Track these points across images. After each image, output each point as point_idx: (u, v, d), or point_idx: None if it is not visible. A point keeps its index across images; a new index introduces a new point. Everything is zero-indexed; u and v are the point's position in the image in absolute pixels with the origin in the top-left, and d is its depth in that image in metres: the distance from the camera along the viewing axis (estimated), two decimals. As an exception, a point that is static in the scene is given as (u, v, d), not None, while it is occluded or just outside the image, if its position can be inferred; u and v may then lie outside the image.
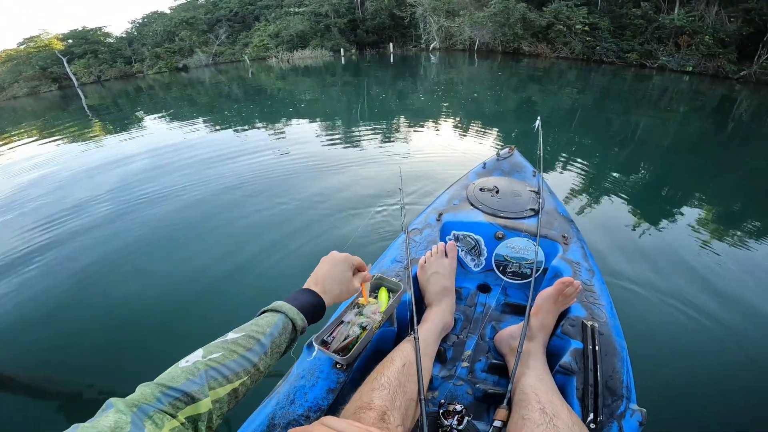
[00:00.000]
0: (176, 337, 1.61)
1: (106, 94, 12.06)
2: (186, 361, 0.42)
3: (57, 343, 1.66)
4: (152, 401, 0.36)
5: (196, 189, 3.07)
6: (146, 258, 2.20)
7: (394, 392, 0.65)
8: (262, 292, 1.82)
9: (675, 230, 2.25)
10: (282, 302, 0.54)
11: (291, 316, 0.52)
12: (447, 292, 0.97)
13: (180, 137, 5.04)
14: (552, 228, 1.16)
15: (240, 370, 0.44)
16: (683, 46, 8.84)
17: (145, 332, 1.67)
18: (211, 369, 0.42)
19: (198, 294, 1.85)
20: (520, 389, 0.73)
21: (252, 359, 0.46)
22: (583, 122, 4.99)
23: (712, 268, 1.85)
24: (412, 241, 1.12)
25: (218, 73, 13.54)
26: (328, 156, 3.70)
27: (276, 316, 0.52)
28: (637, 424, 0.68)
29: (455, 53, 13.85)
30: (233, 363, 0.44)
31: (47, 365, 1.57)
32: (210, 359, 0.43)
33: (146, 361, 1.46)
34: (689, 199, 2.77)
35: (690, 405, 1.22)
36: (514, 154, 1.58)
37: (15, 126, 8.09)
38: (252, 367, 0.46)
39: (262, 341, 0.48)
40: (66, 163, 4.37)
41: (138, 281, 2.01)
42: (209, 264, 2.07)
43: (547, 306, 0.89)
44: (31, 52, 15.99)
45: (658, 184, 3.08)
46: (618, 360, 0.80)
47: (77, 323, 1.76)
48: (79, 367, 1.54)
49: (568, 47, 10.86)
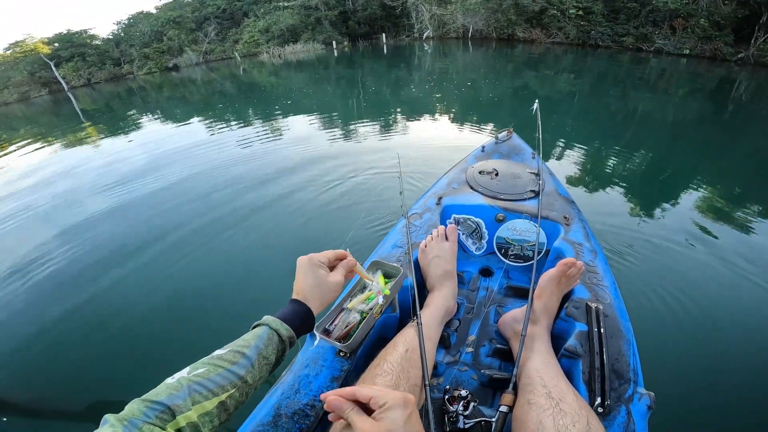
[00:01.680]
0: (173, 351, 1.53)
1: (97, 97, 11.90)
2: (172, 378, 0.44)
3: (49, 360, 1.58)
4: (139, 415, 0.38)
5: (189, 188, 3.03)
6: (145, 263, 2.11)
7: (397, 378, 0.64)
8: (263, 292, 1.76)
9: (676, 211, 2.24)
10: (267, 316, 0.56)
11: (275, 327, 0.54)
12: (449, 275, 0.95)
13: (173, 136, 4.98)
14: (553, 209, 1.14)
15: (226, 383, 0.46)
16: (678, 29, 8.75)
17: (140, 347, 1.59)
18: (195, 383, 0.44)
19: (197, 302, 1.77)
20: (525, 373, 0.72)
21: (238, 372, 0.47)
22: (580, 106, 4.95)
23: (714, 249, 1.83)
24: (413, 226, 1.09)
25: (210, 71, 13.36)
26: (324, 148, 3.66)
27: (261, 329, 0.54)
28: (646, 408, 0.67)
29: (449, 41, 13.66)
30: (218, 377, 0.46)
31: (40, 383, 1.49)
32: (194, 374, 0.45)
33: (143, 377, 1.39)
34: (691, 180, 2.75)
35: (697, 389, 1.21)
36: (512, 137, 1.55)
37: (9, 132, 7.98)
38: (239, 380, 0.47)
39: (248, 354, 0.50)
40: (60, 167, 4.31)
41: (137, 289, 1.92)
42: (206, 269, 2.00)
43: (551, 288, 0.87)
44: (18, 57, 15.77)
45: (659, 164, 3.05)
46: (624, 342, 0.79)
47: (69, 339, 1.67)
48: (72, 385, 1.46)
49: (563, 32, 10.73)
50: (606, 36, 9.88)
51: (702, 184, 2.65)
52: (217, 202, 2.71)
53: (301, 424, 0.66)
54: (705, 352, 1.33)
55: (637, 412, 0.66)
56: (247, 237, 2.22)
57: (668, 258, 1.75)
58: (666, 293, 1.53)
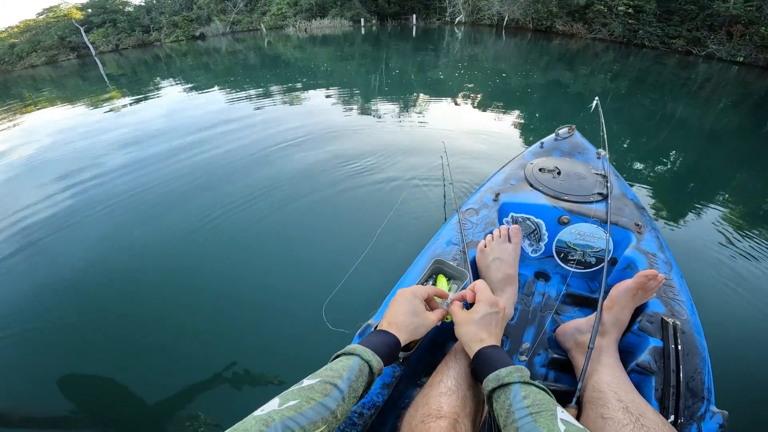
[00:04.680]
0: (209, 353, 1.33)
1: (124, 63, 11.96)
2: (261, 410, 0.40)
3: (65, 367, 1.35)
4: None
5: (214, 157, 3.00)
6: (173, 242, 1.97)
7: (464, 397, 0.59)
8: (302, 280, 1.60)
9: (750, 219, 2.06)
10: (356, 345, 0.53)
11: (366, 359, 0.50)
12: (510, 280, 0.89)
13: (197, 105, 4.96)
14: (623, 215, 1.05)
15: (318, 418, 0.41)
16: (736, 35, 8.15)
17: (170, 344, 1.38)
18: (288, 419, 0.39)
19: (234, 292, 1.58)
20: (593, 387, 0.67)
21: (330, 406, 0.44)
22: (639, 106, 4.63)
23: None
24: (468, 222, 1.03)
25: (235, 42, 13.21)
26: (358, 129, 3.54)
27: (351, 359, 0.50)
28: (717, 427, 0.65)
29: (482, 29, 13.08)
30: (311, 411, 0.41)
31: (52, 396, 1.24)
32: (286, 407, 0.41)
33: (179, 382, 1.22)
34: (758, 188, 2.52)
35: None
36: (574, 134, 1.44)
37: (36, 92, 8.10)
38: (330, 415, 0.43)
39: (339, 386, 0.46)
40: (83, 130, 4.32)
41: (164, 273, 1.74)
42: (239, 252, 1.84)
43: (624, 300, 0.81)
44: (50, 22, 15.94)
45: (715, 171, 2.84)
46: (700, 360, 0.75)
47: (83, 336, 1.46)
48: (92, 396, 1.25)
49: (607, 29, 10.11)
50: (655, 36, 9.28)
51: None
52: (251, 176, 2.63)
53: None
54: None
55: (708, 430, 0.65)
56: (279, 213, 2.14)
57: (740, 268, 1.63)
58: (739, 306, 1.43)
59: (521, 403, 0.46)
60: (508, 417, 0.46)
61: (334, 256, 1.70)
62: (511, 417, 0.46)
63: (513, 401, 0.47)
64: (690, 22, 9.07)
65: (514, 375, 0.50)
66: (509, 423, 0.46)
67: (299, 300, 1.46)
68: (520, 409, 0.46)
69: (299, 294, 1.50)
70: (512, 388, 0.49)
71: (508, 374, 0.50)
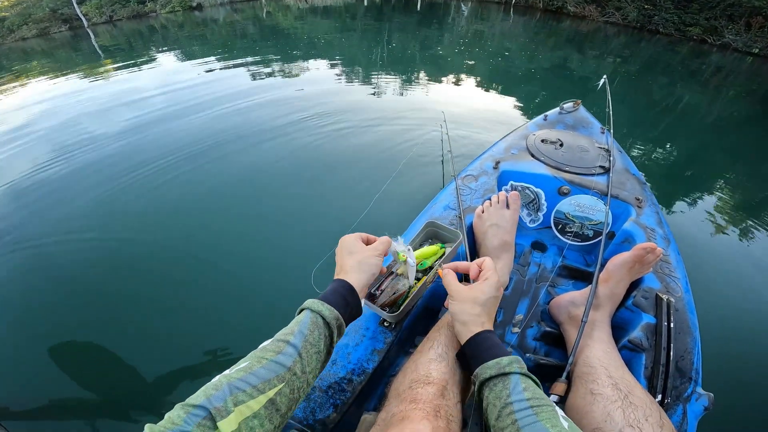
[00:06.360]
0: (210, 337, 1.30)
1: (117, 34, 11.43)
2: (216, 378, 0.39)
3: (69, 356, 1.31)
4: (180, 423, 0.33)
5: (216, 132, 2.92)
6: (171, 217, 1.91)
7: (453, 365, 0.58)
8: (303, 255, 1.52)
9: (745, 205, 2.05)
10: (309, 299, 0.51)
11: (316, 309, 0.48)
12: (506, 247, 0.87)
13: (194, 76, 4.78)
14: (624, 189, 1.02)
15: (272, 376, 0.40)
16: (755, 26, 7.91)
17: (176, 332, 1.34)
18: (236, 380, 0.38)
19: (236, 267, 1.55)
20: (583, 361, 0.66)
21: (284, 363, 0.42)
22: (647, 92, 4.51)
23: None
24: (467, 188, 0.99)
25: (233, 12, 12.66)
26: (363, 101, 3.45)
27: (303, 314, 0.49)
28: (702, 409, 0.64)
29: (489, 6, 12.55)
30: (263, 370, 0.40)
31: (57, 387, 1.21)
32: (236, 370, 0.39)
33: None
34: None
35: (757, 393, 1.15)
36: (579, 108, 1.38)
37: (26, 63, 7.76)
38: (287, 372, 0.41)
39: (292, 342, 0.44)
40: (68, 102, 4.14)
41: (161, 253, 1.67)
42: (235, 229, 1.79)
43: (621, 273, 0.79)
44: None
45: (722, 159, 2.80)
46: (690, 339, 0.74)
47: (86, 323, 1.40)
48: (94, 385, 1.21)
49: (621, 13, 9.74)
50: (670, 23, 8.96)
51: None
52: (246, 151, 2.54)
53: (336, 399, 0.61)
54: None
55: (693, 412, 0.64)
56: (279, 182, 2.11)
57: (735, 253, 1.63)
58: (732, 290, 1.43)
59: (521, 395, 0.44)
60: (504, 408, 0.44)
61: (329, 224, 1.70)
62: (507, 408, 0.44)
63: (512, 392, 0.45)
64: (709, 11, 8.78)
65: (514, 365, 0.48)
66: (504, 414, 0.44)
67: (292, 266, 1.46)
68: (520, 401, 0.44)
69: (292, 259, 1.50)
70: (512, 378, 0.47)
71: (509, 364, 0.48)
